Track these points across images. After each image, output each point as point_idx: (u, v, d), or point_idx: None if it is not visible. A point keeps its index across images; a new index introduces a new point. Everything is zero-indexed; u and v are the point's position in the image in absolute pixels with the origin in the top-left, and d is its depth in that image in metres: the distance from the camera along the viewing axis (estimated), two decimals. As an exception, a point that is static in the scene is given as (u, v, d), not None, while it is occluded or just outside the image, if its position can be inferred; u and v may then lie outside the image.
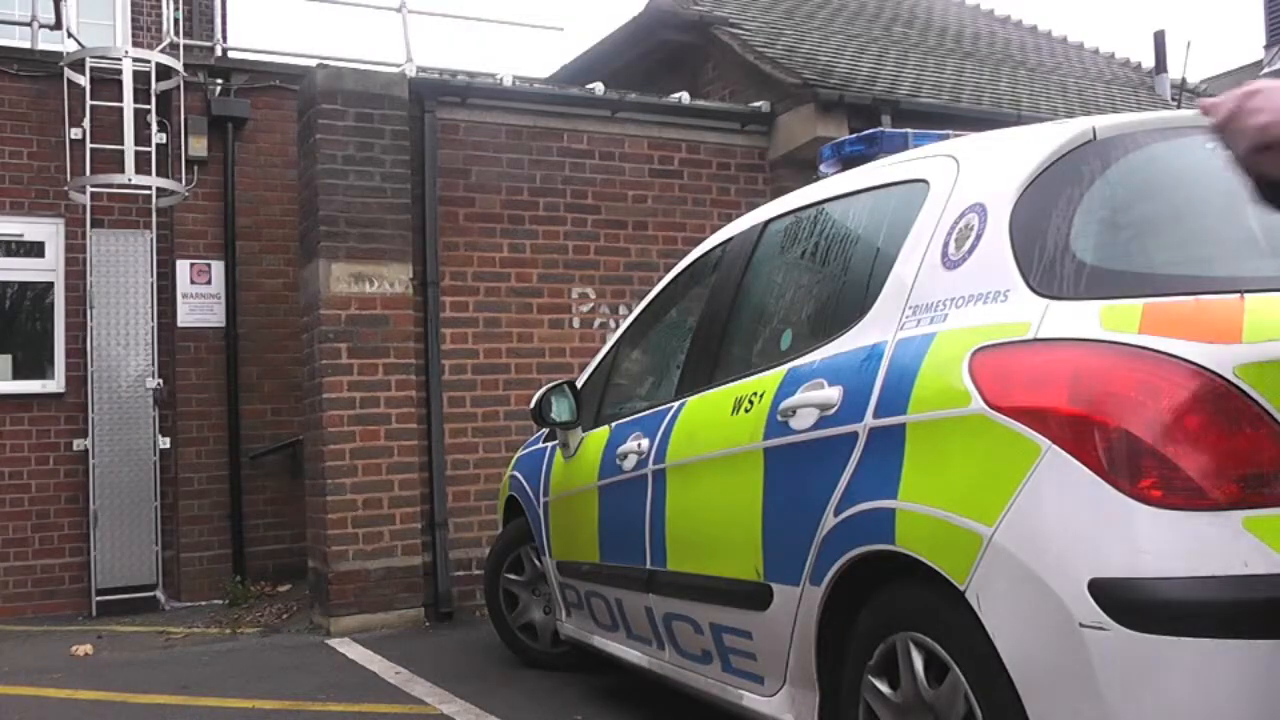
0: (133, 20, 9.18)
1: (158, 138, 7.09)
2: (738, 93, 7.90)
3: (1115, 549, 1.73)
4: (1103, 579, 1.72)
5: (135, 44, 8.34)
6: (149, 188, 6.92)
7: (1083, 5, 33.94)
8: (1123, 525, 1.73)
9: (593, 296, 6.46)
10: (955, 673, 2.01)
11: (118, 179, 6.81)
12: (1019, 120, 6.66)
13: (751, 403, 2.75)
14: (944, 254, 2.31)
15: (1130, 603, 1.69)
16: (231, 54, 8.11)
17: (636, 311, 4.06)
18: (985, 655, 1.90)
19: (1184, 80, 5.11)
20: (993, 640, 1.88)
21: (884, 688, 2.23)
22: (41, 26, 7.45)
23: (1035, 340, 1.97)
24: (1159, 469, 1.73)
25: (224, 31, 8.53)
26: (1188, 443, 1.74)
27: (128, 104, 6.85)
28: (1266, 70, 16.27)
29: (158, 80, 7.04)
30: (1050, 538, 1.81)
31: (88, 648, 5.57)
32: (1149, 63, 11.40)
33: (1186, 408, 1.76)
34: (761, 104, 7.41)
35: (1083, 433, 1.80)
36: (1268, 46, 16.64)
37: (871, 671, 2.26)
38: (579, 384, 4.14)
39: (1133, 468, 1.75)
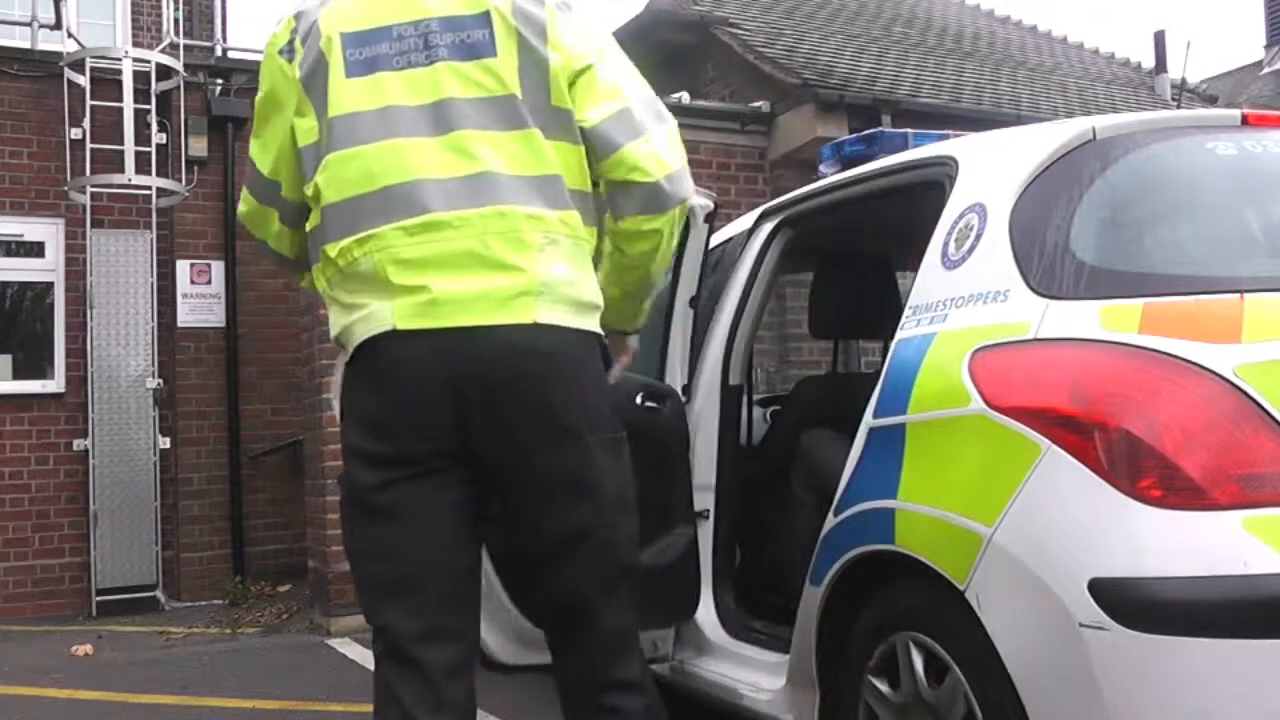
0: (133, 20, 9.19)
1: (158, 138, 7.08)
2: (738, 93, 7.91)
3: (1115, 549, 1.72)
4: (1103, 579, 1.71)
5: (135, 44, 8.33)
6: (149, 188, 6.92)
7: (1083, 5, 33.95)
8: (1123, 525, 1.73)
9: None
10: (955, 673, 2.00)
11: (118, 179, 6.81)
12: (1019, 120, 6.67)
13: None
14: (943, 254, 2.31)
15: (1130, 603, 1.69)
16: (231, 54, 8.12)
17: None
18: (985, 655, 1.90)
19: (1184, 80, 5.12)
20: (993, 640, 1.88)
21: (884, 688, 2.23)
22: (41, 26, 7.44)
23: (1035, 340, 1.97)
24: (1159, 469, 1.73)
25: (224, 31, 8.53)
26: (1188, 443, 1.74)
27: (128, 104, 6.85)
28: (1266, 70, 16.28)
29: (158, 80, 7.04)
30: (1050, 538, 1.80)
31: (88, 648, 5.57)
32: (1149, 63, 11.40)
33: (1186, 408, 1.76)
34: (761, 104, 7.42)
35: (1082, 433, 1.80)
36: (1268, 46, 16.66)
37: (871, 672, 2.26)
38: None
39: (1132, 467, 1.74)
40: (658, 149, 1.96)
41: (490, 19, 1.90)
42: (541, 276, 1.83)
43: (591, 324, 1.92)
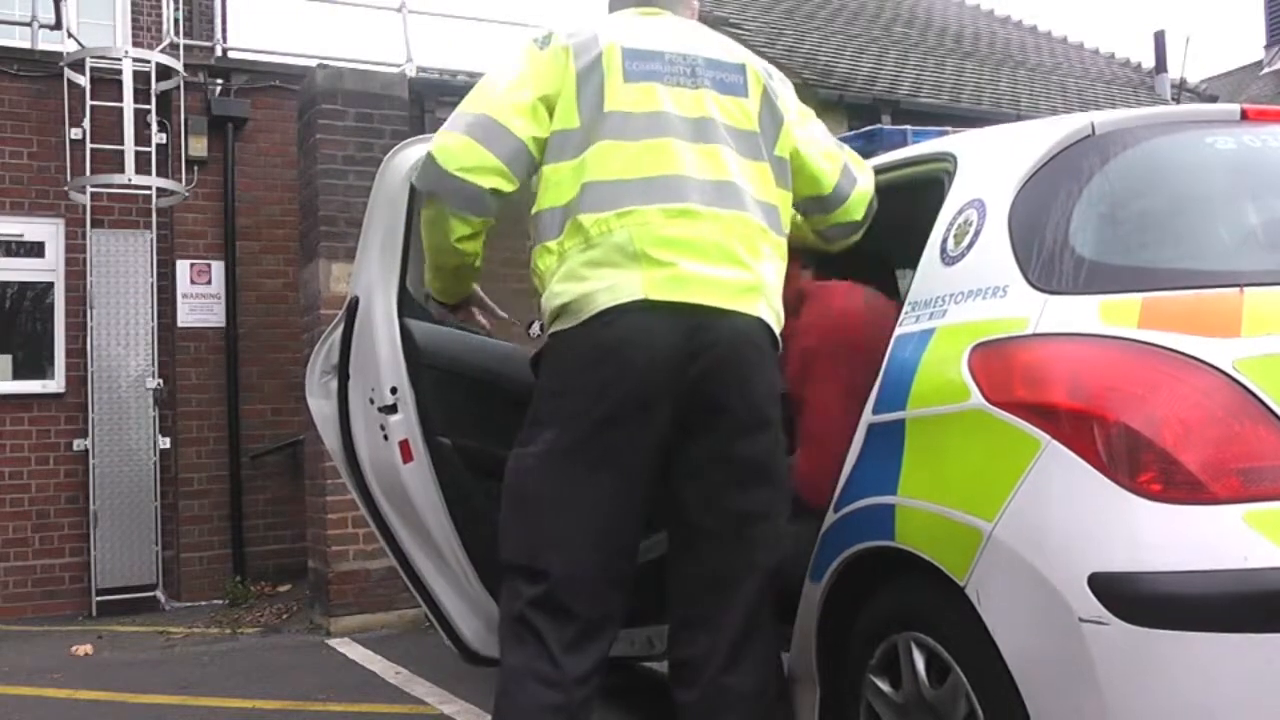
0: (133, 20, 9.18)
1: (158, 138, 7.08)
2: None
3: (1115, 543, 1.72)
4: (1102, 573, 1.71)
5: (135, 44, 8.33)
6: (149, 188, 6.91)
7: (1083, 5, 33.96)
8: (1122, 519, 1.72)
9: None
10: (957, 674, 2.00)
11: (118, 179, 6.81)
12: (1019, 120, 6.66)
13: None
14: (942, 249, 2.31)
15: (1130, 597, 1.68)
16: (231, 54, 8.10)
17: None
18: (986, 654, 1.89)
19: (1183, 81, 5.12)
20: (993, 636, 1.87)
21: (885, 687, 2.22)
22: (41, 26, 7.44)
23: (1034, 335, 1.97)
24: (1159, 463, 1.73)
25: (224, 31, 8.51)
26: (1187, 437, 1.73)
27: (128, 104, 6.84)
28: (1266, 70, 16.29)
29: (158, 80, 7.03)
30: (1050, 532, 1.80)
31: (88, 648, 5.56)
32: (1149, 63, 11.40)
33: (1186, 402, 1.76)
34: (761, 103, 7.40)
35: (1082, 427, 1.79)
36: (1268, 46, 16.67)
37: (873, 670, 2.25)
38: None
39: (1132, 462, 1.74)
40: (866, 190, 2.45)
41: (745, 70, 2.26)
42: (766, 280, 2.13)
43: (778, 334, 2.17)
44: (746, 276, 2.09)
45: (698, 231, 2.06)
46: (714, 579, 2.15)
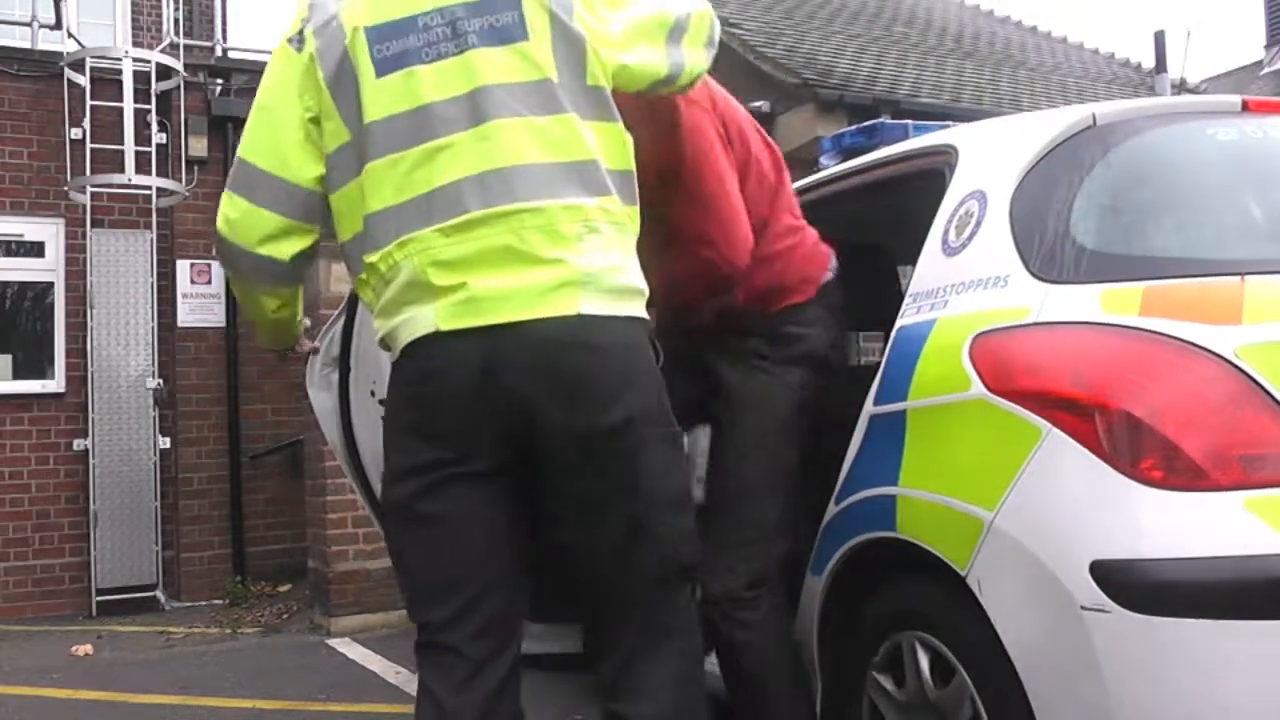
0: (133, 20, 9.18)
1: (158, 138, 7.09)
2: (738, 93, 7.89)
3: (1116, 531, 1.71)
4: (1104, 561, 1.70)
5: (135, 44, 8.34)
6: (149, 188, 6.93)
7: (1083, 5, 34.00)
8: (1123, 507, 1.71)
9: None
10: (961, 675, 1.99)
11: (118, 179, 6.82)
12: (1019, 118, 6.64)
13: None
14: (944, 241, 2.30)
15: (1131, 584, 1.67)
16: (231, 54, 8.11)
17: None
18: (989, 649, 1.88)
19: (1183, 81, 5.12)
20: (994, 625, 1.87)
21: (889, 685, 2.21)
22: (41, 26, 7.45)
23: (1035, 324, 1.96)
24: (1160, 450, 1.72)
25: (224, 31, 8.52)
26: (1189, 424, 1.73)
27: (128, 104, 6.85)
28: (1266, 70, 16.30)
29: (158, 80, 7.05)
30: (1051, 520, 1.79)
31: (88, 648, 5.56)
32: (1149, 63, 11.40)
33: (1187, 389, 1.75)
34: (761, 104, 7.41)
35: (1083, 415, 1.79)
36: (1268, 46, 16.69)
37: (876, 668, 2.25)
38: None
39: (1133, 449, 1.73)
40: (706, 52, 2.09)
41: (520, 2, 1.84)
42: (583, 267, 1.79)
43: (637, 309, 1.87)
44: (554, 273, 1.77)
45: (483, 242, 1.78)
46: (600, 598, 1.94)
